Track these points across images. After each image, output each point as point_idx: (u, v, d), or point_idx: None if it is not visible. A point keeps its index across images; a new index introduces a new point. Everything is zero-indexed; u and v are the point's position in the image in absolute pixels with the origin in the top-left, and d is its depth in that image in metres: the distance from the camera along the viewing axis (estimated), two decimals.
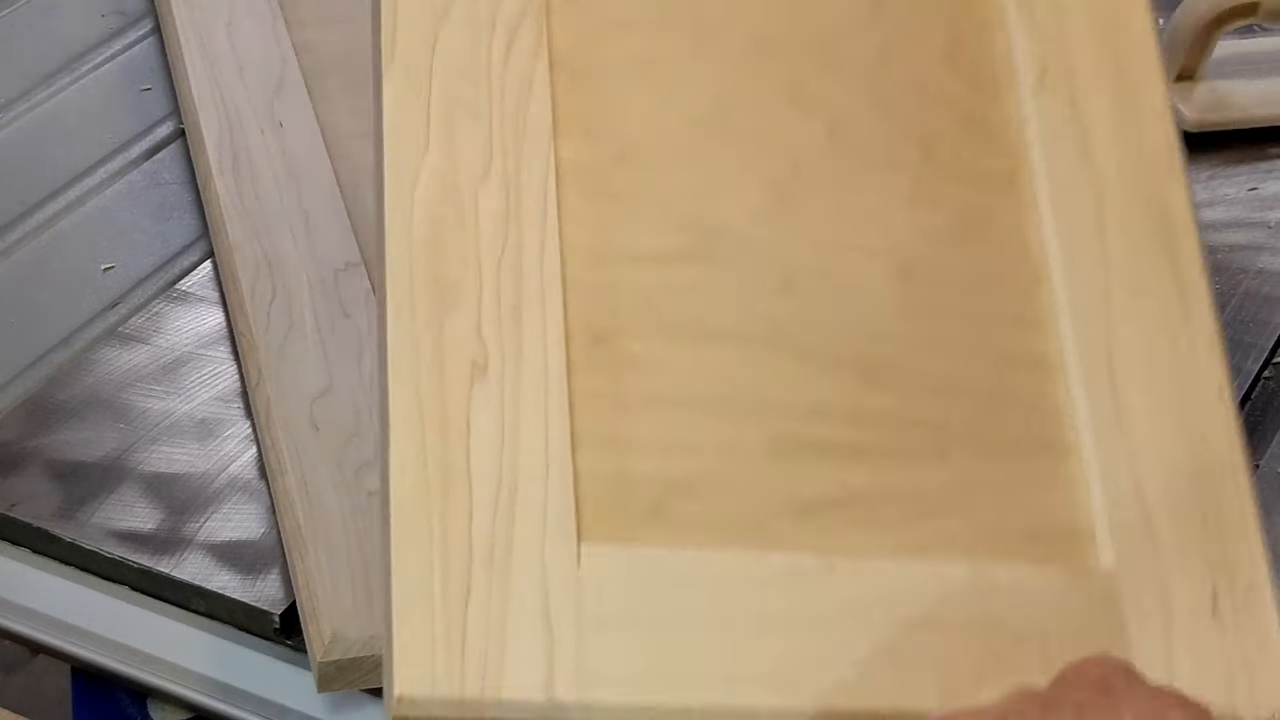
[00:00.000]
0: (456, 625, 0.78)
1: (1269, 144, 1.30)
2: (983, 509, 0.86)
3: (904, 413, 0.87)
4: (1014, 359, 0.89)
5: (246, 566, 0.96)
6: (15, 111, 1.30)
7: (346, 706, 0.91)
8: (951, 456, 0.87)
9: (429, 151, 0.85)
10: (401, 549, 0.79)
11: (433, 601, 0.78)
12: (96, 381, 1.08)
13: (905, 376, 0.87)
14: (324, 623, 0.90)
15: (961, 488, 0.86)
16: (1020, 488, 0.87)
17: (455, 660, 0.78)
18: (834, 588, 0.83)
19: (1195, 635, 0.85)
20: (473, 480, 0.81)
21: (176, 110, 1.29)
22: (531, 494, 0.81)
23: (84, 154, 1.26)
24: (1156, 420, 0.88)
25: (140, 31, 1.38)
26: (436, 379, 0.82)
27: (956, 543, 0.85)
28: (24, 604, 0.98)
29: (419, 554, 0.79)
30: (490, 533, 0.80)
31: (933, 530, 0.86)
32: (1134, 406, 0.88)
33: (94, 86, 1.32)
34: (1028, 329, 0.89)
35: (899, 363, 0.88)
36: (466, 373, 0.82)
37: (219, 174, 1.18)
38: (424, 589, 0.78)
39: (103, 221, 1.20)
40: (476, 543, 0.80)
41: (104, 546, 0.97)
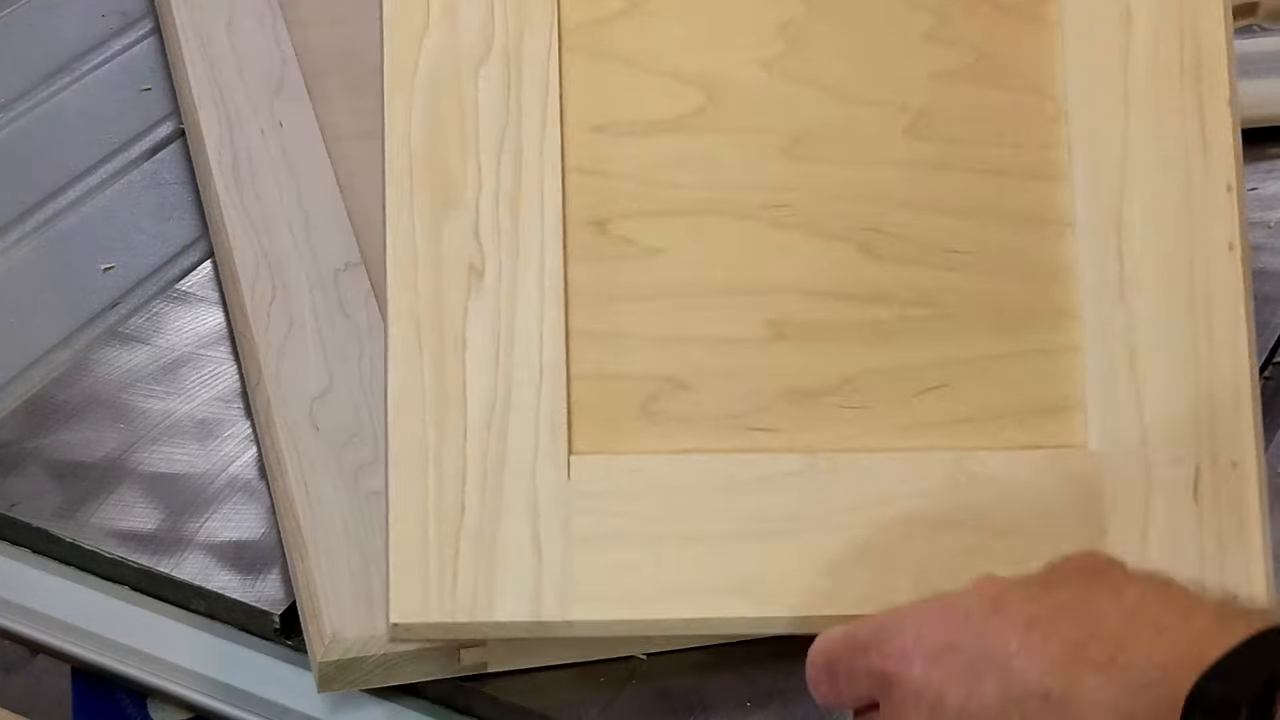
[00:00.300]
0: (449, 554, 0.82)
1: (1269, 144, 1.30)
2: (975, 386, 0.87)
3: (905, 286, 0.87)
4: (1023, 216, 0.87)
5: (246, 566, 0.96)
6: (15, 111, 1.30)
7: (346, 706, 0.91)
8: (949, 331, 0.87)
9: (429, 33, 0.84)
10: (398, 476, 0.82)
11: (427, 530, 0.82)
12: (96, 381, 1.08)
13: (909, 245, 0.87)
14: (324, 623, 0.90)
15: (956, 364, 0.87)
16: (1015, 361, 0.87)
17: (447, 588, 0.81)
18: (815, 491, 0.84)
19: (1172, 519, 0.85)
20: (468, 400, 0.83)
21: (176, 110, 1.29)
22: (525, 404, 0.83)
23: (84, 154, 1.26)
24: (1161, 280, 0.87)
25: (140, 31, 1.38)
26: (434, 290, 0.83)
27: (944, 426, 0.86)
28: (24, 604, 0.98)
29: (415, 482, 0.82)
30: (483, 453, 0.82)
31: (922, 412, 0.86)
32: (1139, 266, 0.87)
33: (94, 86, 1.32)
34: (1040, 180, 0.87)
35: (904, 229, 0.87)
36: (464, 280, 0.83)
37: (219, 174, 1.18)
38: (419, 517, 0.82)
39: (103, 221, 1.20)
40: (470, 464, 0.82)
41: (104, 546, 0.97)
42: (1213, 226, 0.87)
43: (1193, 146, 0.87)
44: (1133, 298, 0.87)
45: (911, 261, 0.87)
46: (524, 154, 0.84)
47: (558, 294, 0.84)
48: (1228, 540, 0.86)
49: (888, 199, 0.87)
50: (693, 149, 0.86)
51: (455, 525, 0.83)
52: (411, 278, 0.83)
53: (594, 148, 0.85)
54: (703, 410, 0.85)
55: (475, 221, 0.84)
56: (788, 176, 0.86)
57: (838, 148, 0.87)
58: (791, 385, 0.86)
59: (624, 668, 0.91)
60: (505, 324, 0.84)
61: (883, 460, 0.85)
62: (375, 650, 0.89)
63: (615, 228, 0.85)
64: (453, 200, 0.84)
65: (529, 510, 0.83)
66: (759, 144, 0.86)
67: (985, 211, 0.87)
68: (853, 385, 0.86)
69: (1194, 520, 0.86)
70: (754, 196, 0.86)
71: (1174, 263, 0.87)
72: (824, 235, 0.86)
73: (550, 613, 0.83)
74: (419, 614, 0.82)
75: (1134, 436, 0.86)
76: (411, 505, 0.82)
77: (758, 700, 0.90)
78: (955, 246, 0.87)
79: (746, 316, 0.86)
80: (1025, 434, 0.87)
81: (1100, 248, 0.87)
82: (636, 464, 0.84)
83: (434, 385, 0.83)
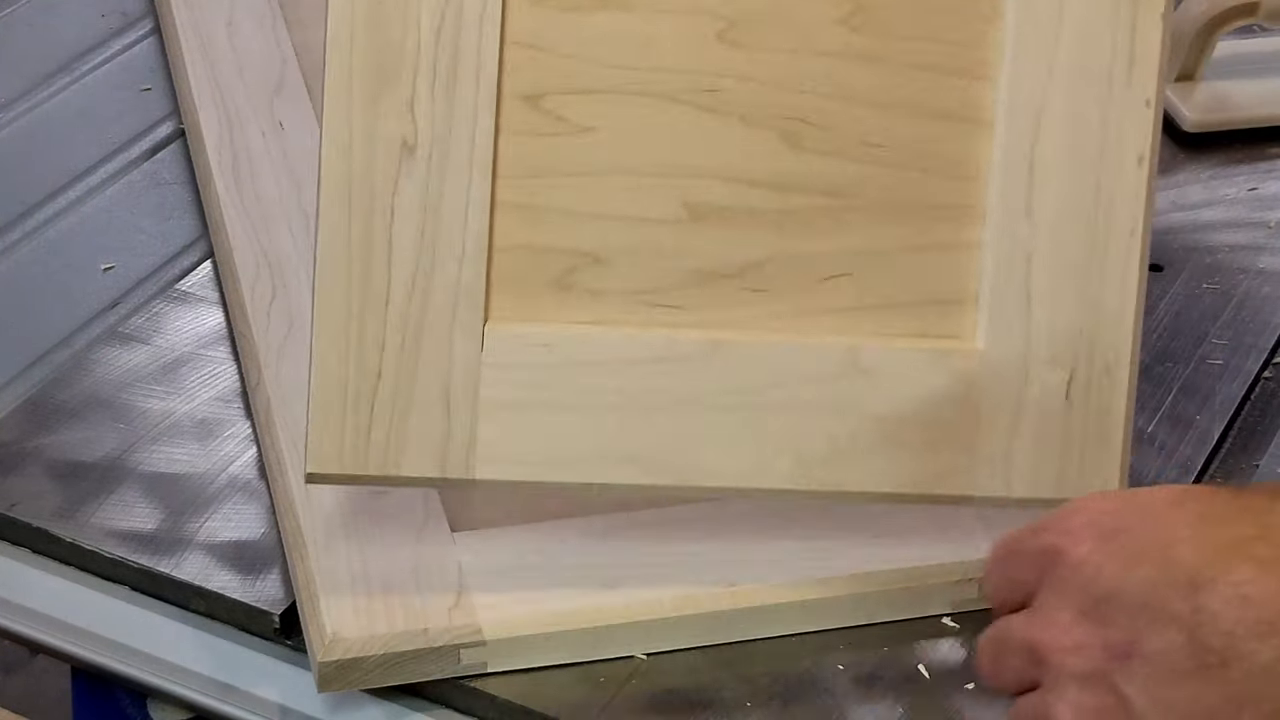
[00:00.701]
0: (364, 411, 0.88)
1: (1269, 144, 1.30)
2: (876, 276, 0.91)
3: (820, 176, 0.90)
4: (944, 113, 0.90)
5: (246, 566, 0.96)
6: (15, 111, 1.30)
7: (346, 706, 0.91)
8: (856, 222, 0.90)
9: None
10: (321, 338, 0.87)
11: (346, 389, 0.88)
12: (96, 381, 1.08)
13: (832, 135, 0.90)
14: (324, 623, 0.90)
15: (860, 254, 0.90)
16: (917, 254, 0.91)
17: (361, 444, 0.88)
18: (711, 371, 0.90)
19: (1042, 420, 0.91)
20: (391, 269, 0.87)
21: (176, 110, 1.29)
22: (446, 274, 0.88)
23: (84, 154, 1.26)
24: (1067, 187, 0.90)
25: (140, 31, 1.38)
26: (365, 162, 0.87)
27: (841, 313, 0.90)
28: (24, 604, 0.98)
29: (336, 344, 0.87)
30: (403, 320, 0.87)
31: (821, 298, 0.90)
32: (1048, 171, 0.90)
33: (94, 86, 1.32)
34: (966, 79, 0.90)
35: (829, 119, 0.90)
36: (395, 154, 0.87)
37: (219, 174, 1.18)
38: (339, 377, 0.88)
39: (103, 221, 1.20)
40: (389, 331, 0.88)
41: (104, 546, 0.97)
42: (1126, 139, 0.90)
43: (1119, 58, 0.89)
44: (1037, 202, 0.90)
45: (830, 153, 0.90)
46: (464, 26, 0.86)
47: (485, 167, 0.87)
48: (1090, 437, 0.91)
49: (816, 90, 0.89)
50: (631, 28, 0.88)
51: (372, 386, 0.88)
52: (345, 150, 0.86)
53: (534, 20, 0.87)
54: (613, 285, 0.90)
55: (411, 97, 0.86)
56: (721, 61, 0.89)
57: (773, 35, 0.89)
58: (700, 267, 0.90)
59: (624, 668, 0.91)
60: (433, 196, 0.87)
61: (778, 344, 0.90)
62: (375, 650, 0.89)
63: (548, 103, 0.88)
64: (390, 77, 0.86)
65: (441, 377, 0.88)
66: (697, 26, 0.88)
67: (908, 106, 0.90)
68: (758, 269, 0.90)
69: (1062, 418, 0.91)
70: (686, 80, 0.89)
71: (1082, 171, 0.90)
72: (749, 122, 0.89)
73: (454, 471, 0.89)
74: (333, 465, 0.89)
75: (1019, 336, 0.91)
76: (332, 365, 0.88)
77: (758, 700, 0.90)
78: (873, 140, 0.90)
79: (665, 198, 0.89)
80: (917, 324, 0.91)
81: (1013, 150, 0.90)
82: (546, 338, 0.89)
83: (360, 254, 0.87)
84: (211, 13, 1.32)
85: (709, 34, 0.88)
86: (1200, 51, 1.32)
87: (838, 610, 0.93)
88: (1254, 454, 1.06)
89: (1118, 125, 0.90)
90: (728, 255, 0.90)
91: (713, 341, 0.90)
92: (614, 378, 0.90)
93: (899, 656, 0.93)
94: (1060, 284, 0.91)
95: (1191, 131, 1.30)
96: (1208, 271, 1.18)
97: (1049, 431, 0.92)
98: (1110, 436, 0.92)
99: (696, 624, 0.92)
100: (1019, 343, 0.91)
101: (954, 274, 0.91)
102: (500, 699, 0.90)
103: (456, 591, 0.92)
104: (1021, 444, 0.92)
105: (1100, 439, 0.92)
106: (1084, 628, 0.72)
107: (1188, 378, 1.10)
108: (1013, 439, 0.92)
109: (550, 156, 0.88)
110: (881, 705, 0.90)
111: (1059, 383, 0.91)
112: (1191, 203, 1.24)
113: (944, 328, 0.91)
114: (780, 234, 0.90)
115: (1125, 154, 0.90)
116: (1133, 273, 0.91)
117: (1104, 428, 0.92)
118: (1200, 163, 1.28)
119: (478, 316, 0.88)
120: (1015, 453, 0.92)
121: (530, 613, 0.91)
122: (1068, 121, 0.90)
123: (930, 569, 0.94)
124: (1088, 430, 0.92)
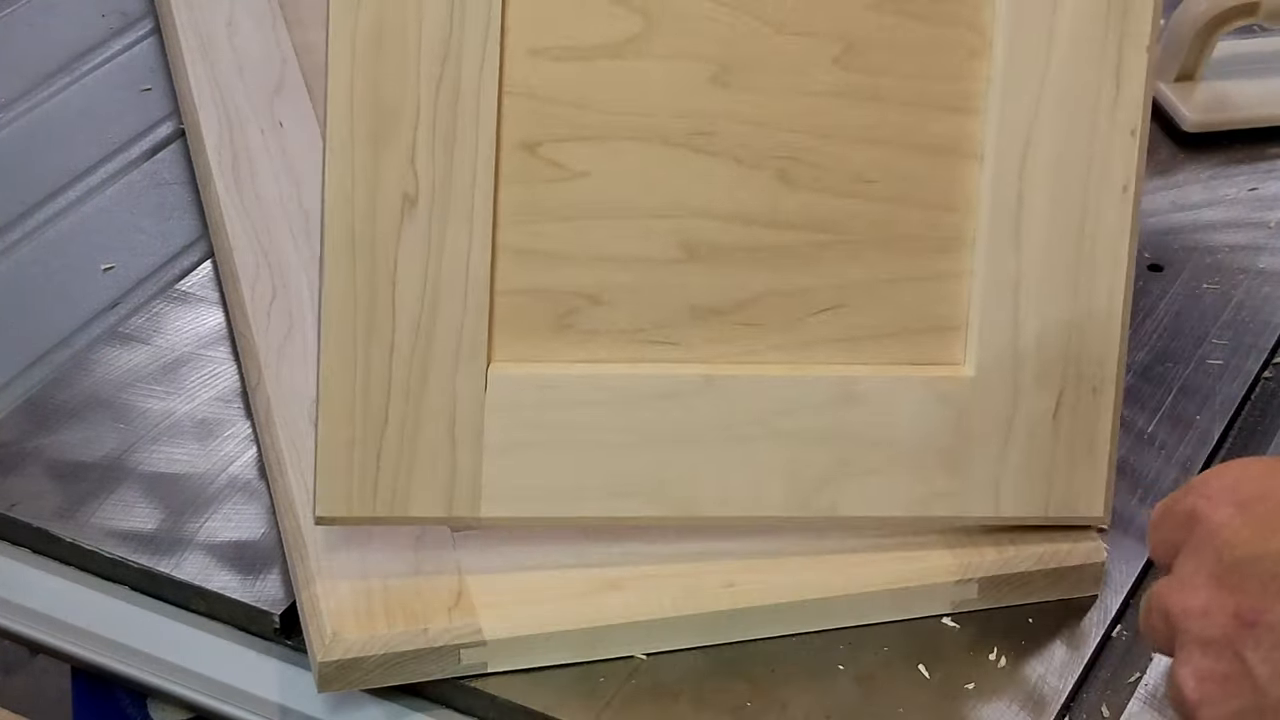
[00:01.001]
0: (371, 458, 0.89)
1: (1269, 144, 1.30)
2: (868, 306, 0.92)
3: (815, 211, 0.91)
4: (936, 147, 0.92)
5: (246, 566, 0.96)
6: (15, 111, 1.30)
7: (346, 706, 0.91)
8: (850, 255, 0.92)
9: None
10: (327, 384, 0.88)
11: (353, 436, 0.89)
12: (96, 381, 1.08)
13: (825, 172, 0.91)
14: (324, 623, 0.90)
15: (852, 286, 0.92)
16: (909, 284, 0.93)
17: (369, 488, 0.90)
18: (707, 405, 0.91)
19: (1031, 441, 0.93)
20: (396, 314, 0.88)
21: (176, 110, 1.29)
22: (449, 320, 0.89)
23: (84, 154, 1.26)
24: (1054, 216, 0.92)
25: (140, 31, 1.38)
26: (368, 214, 0.87)
27: (833, 344, 0.92)
28: (24, 604, 0.98)
29: (342, 392, 0.88)
30: (407, 368, 0.89)
31: (814, 330, 0.92)
32: (1036, 201, 0.91)
33: (94, 86, 1.32)
34: (955, 113, 0.91)
35: (822, 157, 0.91)
36: (397, 205, 0.88)
37: (219, 174, 1.18)
38: (345, 423, 0.89)
39: (103, 221, 1.20)
40: (395, 377, 0.89)
41: (104, 546, 0.97)
42: (1112, 168, 0.91)
43: (1105, 90, 0.91)
44: (1025, 232, 0.92)
45: (823, 189, 0.91)
46: (463, 80, 0.87)
47: (486, 215, 0.88)
48: (1078, 456, 0.94)
49: (810, 129, 0.90)
50: (625, 75, 0.89)
51: (378, 431, 0.89)
52: (348, 202, 0.87)
53: (531, 71, 0.88)
54: (612, 324, 0.91)
55: (412, 150, 0.87)
56: (714, 104, 0.90)
57: (765, 77, 0.90)
58: (696, 303, 0.91)
59: (624, 668, 0.91)
60: (435, 245, 0.88)
61: (772, 377, 0.92)
62: (375, 650, 0.89)
63: (545, 151, 0.89)
64: (390, 132, 0.87)
65: (446, 419, 0.90)
66: (689, 71, 0.89)
67: (899, 142, 0.91)
68: (753, 304, 0.92)
69: (1050, 439, 0.93)
70: (680, 123, 0.90)
71: (1069, 201, 0.91)
72: (744, 163, 0.90)
73: (461, 510, 0.91)
74: (342, 509, 0.90)
75: (1008, 361, 0.93)
76: (339, 411, 0.89)
77: (758, 700, 0.90)
78: (865, 175, 0.91)
79: (662, 238, 0.90)
80: (908, 352, 0.93)
81: (1001, 182, 0.91)
82: (547, 379, 0.90)
83: (365, 302, 0.88)
84: (211, 13, 1.32)
85: (701, 78, 0.89)
86: (1200, 51, 1.31)
87: (838, 610, 0.94)
88: (1254, 454, 1.06)
89: (1104, 155, 0.91)
90: (723, 292, 0.91)
91: (708, 377, 0.91)
92: (614, 415, 0.91)
93: (899, 656, 0.93)
94: (1048, 310, 0.92)
95: (1191, 131, 1.29)
96: (1208, 271, 1.18)
97: (1037, 452, 0.93)
98: (1097, 454, 0.94)
99: (696, 624, 0.92)
100: (1008, 368, 0.93)
101: (944, 302, 0.93)
102: (500, 699, 0.90)
103: (456, 592, 0.92)
104: (1010, 466, 0.93)
105: (1087, 457, 0.94)
106: (1214, 592, 0.71)
107: (1188, 378, 1.10)
108: (1002, 461, 0.93)
109: (548, 202, 0.89)
110: (881, 705, 0.90)
111: (1047, 405, 0.93)
112: (1192, 203, 1.24)
113: (934, 354, 0.93)
114: (775, 269, 0.91)
115: (1111, 183, 0.91)
116: (1118, 297, 0.93)
117: (1091, 446, 0.94)
118: (1200, 163, 1.28)
119: (480, 359, 0.89)
120: (1004, 474, 0.93)
121: (530, 613, 0.91)
122: (1055, 153, 0.91)
123: (930, 569, 0.94)
124: (1075, 450, 0.94)
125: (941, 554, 0.95)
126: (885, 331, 0.93)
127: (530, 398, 0.90)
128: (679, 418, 0.91)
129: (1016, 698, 0.91)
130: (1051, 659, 0.93)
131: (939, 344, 0.93)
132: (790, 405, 0.92)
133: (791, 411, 0.92)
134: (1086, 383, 0.93)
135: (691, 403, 0.91)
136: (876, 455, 0.93)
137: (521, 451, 0.91)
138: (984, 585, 0.95)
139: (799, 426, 0.92)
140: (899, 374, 0.92)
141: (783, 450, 0.92)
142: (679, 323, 0.91)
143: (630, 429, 0.91)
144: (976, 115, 0.91)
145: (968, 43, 0.91)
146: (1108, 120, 0.91)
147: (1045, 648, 0.94)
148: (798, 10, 0.89)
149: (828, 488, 0.93)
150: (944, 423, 0.93)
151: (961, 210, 0.92)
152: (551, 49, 0.88)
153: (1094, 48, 0.90)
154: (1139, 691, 0.92)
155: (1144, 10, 0.90)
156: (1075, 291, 0.92)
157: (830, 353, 0.92)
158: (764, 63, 0.89)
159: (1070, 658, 0.93)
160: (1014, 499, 0.94)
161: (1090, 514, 0.95)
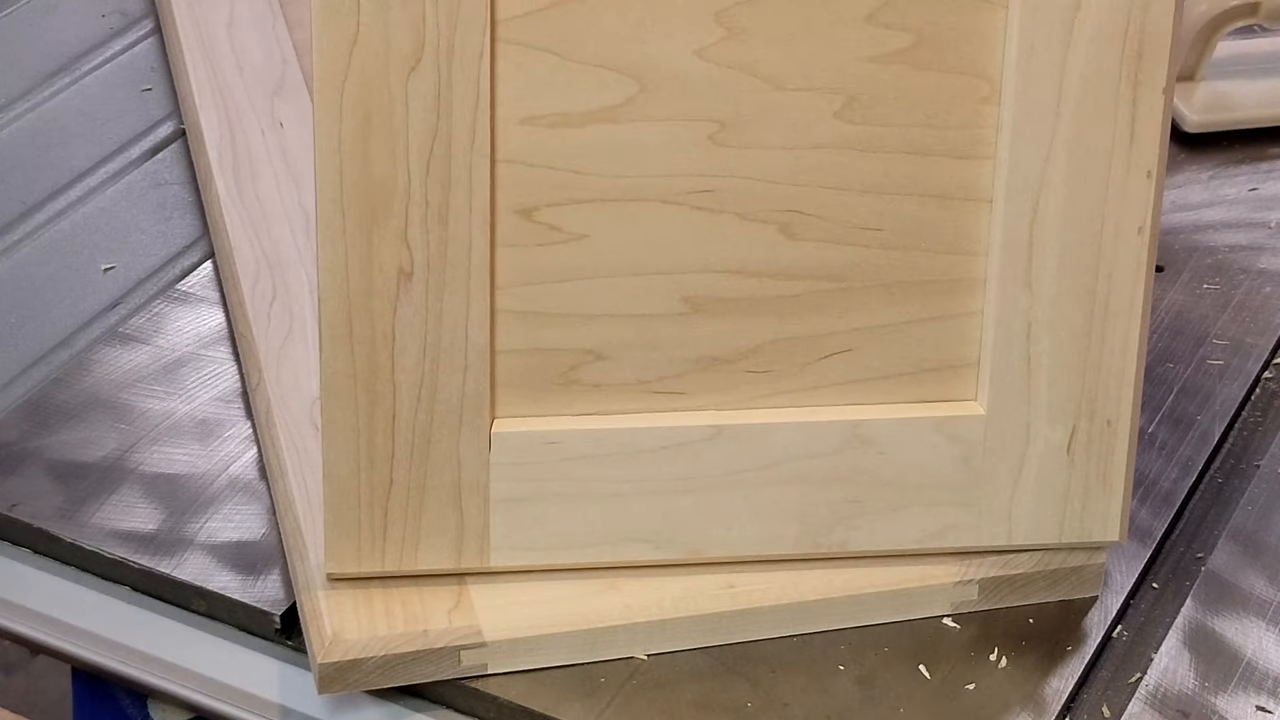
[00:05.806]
0: (379, 517, 0.90)
1: (1269, 144, 1.30)
2: (876, 350, 0.92)
3: (820, 261, 0.90)
4: (945, 193, 0.90)
5: (247, 567, 0.96)
6: (15, 111, 1.30)
7: (346, 707, 0.91)
8: (857, 301, 0.91)
9: (358, 42, 0.84)
10: (331, 450, 0.88)
11: (359, 499, 0.89)
12: (96, 381, 1.08)
13: (829, 224, 0.90)
14: (324, 623, 0.90)
15: (860, 330, 0.91)
16: (918, 326, 0.92)
17: (377, 545, 0.90)
18: (715, 453, 0.91)
19: (1044, 474, 0.93)
20: (396, 385, 0.88)
21: (176, 110, 1.29)
22: (450, 385, 0.88)
23: (84, 154, 1.26)
24: (1067, 259, 0.90)
25: (140, 31, 1.38)
26: (363, 290, 0.87)
27: (842, 387, 0.92)
28: (24, 604, 0.98)
29: (347, 458, 0.89)
30: (410, 435, 0.89)
31: (823, 374, 0.91)
32: (1049, 244, 0.90)
33: (94, 86, 1.32)
34: (964, 160, 0.90)
35: (826, 209, 0.90)
36: (392, 281, 0.87)
37: (219, 174, 1.18)
38: (351, 488, 0.89)
39: (103, 221, 1.20)
40: (398, 443, 0.89)
41: (104, 546, 0.97)
42: (1127, 210, 0.90)
43: (1120, 133, 0.89)
44: (1037, 273, 0.90)
45: (828, 240, 0.90)
46: (454, 155, 0.86)
47: (483, 282, 0.87)
48: (1092, 485, 0.93)
49: (812, 182, 0.89)
50: (620, 138, 0.88)
51: (384, 493, 0.90)
52: (342, 279, 0.87)
53: (523, 139, 0.87)
54: (616, 378, 0.91)
55: (405, 227, 0.86)
56: (714, 162, 0.88)
57: (766, 133, 0.88)
58: (701, 354, 0.91)
59: (624, 668, 0.91)
60: (433, 316, 0.87)
61: (780, 424, 0.91)
62: (375, 651, 0.89)
63: (541, 215, 0.88)
64: (382, 211, 0.86)
65: (452, 479, 0.90)
66: (688, 131, 0.88)
67: (905, 190, 0.90)
68: (759, 353, 0.91)
69: (1064, 472, 0.93)
70: (679, 182, 0.88)
71: (1082, 243, 0.90)
72: (746, 218, 0.89)
73: (470, 562, 0.91)
74: (351, 566, 0.91)
75: (1020, 398, 0.92)
76: (344, 477, 0.89)
77: (758, 701, 0.90)
78: (871, 224, 0.90)
79: (664, 294, 0.90)
80: (918, 392, 0.92)
81: (1013, 226, 0.90)
82: (552, 435, 0.90)
83: (364, 376, 0.88)
84: (211, 13, 1.32)
85: (700, 137, 0.88)
86: (1200, 51, 1.32)
87: (838, 610, 0.93)
88: (1254, 454, 1.06)
89: (1119, 197, 0.89)
90: (728, 342, 0.91)
91: (715, 426, 0.91)
92: (620, 468, 0.91)
93: (899, 656, 0.93)
94: (1061, 349, 0.91)
95: (1192, 132, 1.30)
96: (1208, 272, 1.18)
97: (1051, 484, 0.93)
98: (1112, 484, 0.93)
99: (696, 624, 0.92)
100: (1020, 404, 0.92)
101: (954, 341, 0.92)
102: (501, 700, 0.90)
103: (456, 593, 0.92)
104: (1023, 498, 0.93)
105: (1102, 487, 0.93)
106: None
107: (1188, 378, 1.10)
108: (1015, 494, 0.93)
109: (547, 265, 0.88)
110: (881, 705, 0.90)
111: (1060, 439, 0.92)
112: (1192, 203, 1.24)
113: (945, 393, 0.92)
114: (780, 319, 0.90)
115: (1126, 224, 0.89)
116: (1134, 336, 0.91)
117: (1106, 476, 0.93)
118: (1201, 163, 1.28)
119: (484, 419, 0.89)
120: (1017, 506, 0.93)
121: (530, 614, 0.91)
122: (1068, 197, 0.89)
123: (931, 570, 0.94)
124: (1089, 481, 0.93)
125: (942, 555, 0.95)
126: (895, 372, 0.92)
127: (535, 454, 0.90)
128: (687, 467, 0.91)
129: (1017, 698, 0.91)
130: (1052, 659, 0.93)
131: (950, 382, 0.92)
132: (800, 450, 0.91)
133: (802, 456, 0.91)
134: (1101, 416, 0.92)
135: (699, 451, 0.91)
136: (888, 493, 0.92)
137: (529, 504, 0.91)
138: (984, 586, 0.95)
139: (809, 470, 0.91)
140: (910, 414, 0.92)
141: (793, 493, 0.92)
142: (684, 373, 0.91)
143: (637, 479, 0.91)
144: (987, 161, 0.89)
145: (977, 90, 0.89)
146: (1123, 162, 0.89)
147: (1046, 648, 0.94)
148: (796, 66, 0.87)
149: (839, 526, 0.92)
150: (956, 460, 0.92)
151: (972, 253, 0.91)
152: (543, 117, 0.86)
153: (1107, 91, 0.88)
154: (1139, 692, 0.92)
155: (1159, 52, 0.88)
156: (1090, 330, 0.91)
157: (839, 395, 0.92)
158: (763, 120, 0.88)
159: (1070, 658, 0.93)
160: (1027, 528, 0.93)
161: (1106, 538, 0.94)
